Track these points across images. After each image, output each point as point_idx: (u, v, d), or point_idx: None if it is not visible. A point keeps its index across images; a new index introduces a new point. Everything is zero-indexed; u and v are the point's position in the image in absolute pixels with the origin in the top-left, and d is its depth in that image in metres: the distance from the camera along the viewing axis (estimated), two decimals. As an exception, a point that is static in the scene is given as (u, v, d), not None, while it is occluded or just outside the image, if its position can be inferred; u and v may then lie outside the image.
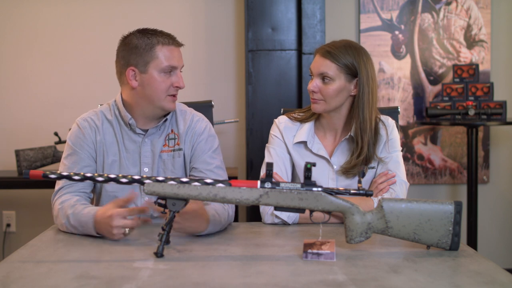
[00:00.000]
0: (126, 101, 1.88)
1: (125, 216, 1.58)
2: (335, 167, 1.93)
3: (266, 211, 1.84)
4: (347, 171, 1.91)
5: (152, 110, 1.86)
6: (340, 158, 1.94)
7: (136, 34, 1.84)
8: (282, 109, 2.24)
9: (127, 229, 1.58)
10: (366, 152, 1.88)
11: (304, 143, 1.95)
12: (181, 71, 1.87)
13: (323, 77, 1.86)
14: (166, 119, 1.90)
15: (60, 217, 1.72)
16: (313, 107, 1.92)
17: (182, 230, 1.61)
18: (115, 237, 1.59)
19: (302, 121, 1.98)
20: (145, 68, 1.81)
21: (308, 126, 1.96)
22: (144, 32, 1.84)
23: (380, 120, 1.95)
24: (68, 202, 1.73)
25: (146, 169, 1.88)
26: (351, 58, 1.86)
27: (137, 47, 1.82)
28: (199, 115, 1.97)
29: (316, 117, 1.98)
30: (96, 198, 1.92)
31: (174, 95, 1.85)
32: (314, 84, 1.88)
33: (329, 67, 1.86)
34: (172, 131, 1.92)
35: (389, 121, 1.97)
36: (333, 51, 1.86)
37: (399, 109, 2.23)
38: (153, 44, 1.81)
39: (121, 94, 1.90)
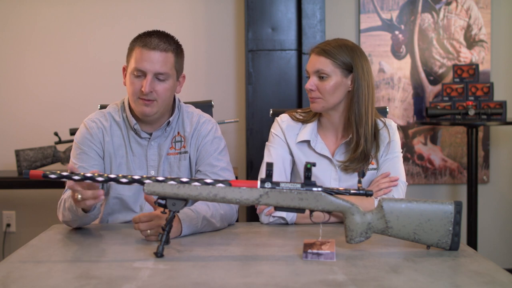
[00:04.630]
0: None
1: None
2: (337, 167, 1.93)
3: (262, 210, 1.84)
4: (346, 167, 1.91)
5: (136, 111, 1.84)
6: (341, 159, 1.94)
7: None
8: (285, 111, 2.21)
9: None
10: (364, 146, 1.88)
11: (307, 142, 1.95)
12: (159, 78, 1.78)
13: (320, 74, 1.87)
14: (169, 121, 1.88)
15: (61, 209, 1.74)
16: (312, 107, 1.92)
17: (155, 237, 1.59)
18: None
19: (304, 122, 1.98)
20: (127, 68, 1.84)
21: (312, 125, 1.96)
22: (142, 33, 1.84)
23: (384, 124, 1.95)
24: (67, 193, 1.75)
25: (152, 172, 1.88)
26: (345, 53, 1.88)
27: (128, 47, 1.85)
28: (206, 117, 1.95)
29: (318, 118, 1.98)
30: None
31: (143, 99, 1.78)
32: (310, 82, 1.89)
33: (325, 64, 1.87)
34: (178, 133, 1.91)
35: (392, 124, 1.98)
36: (327, 48, 1.88)
37: (387, 109, 2.25)
38: (133, 45, 1.82)
39: None
